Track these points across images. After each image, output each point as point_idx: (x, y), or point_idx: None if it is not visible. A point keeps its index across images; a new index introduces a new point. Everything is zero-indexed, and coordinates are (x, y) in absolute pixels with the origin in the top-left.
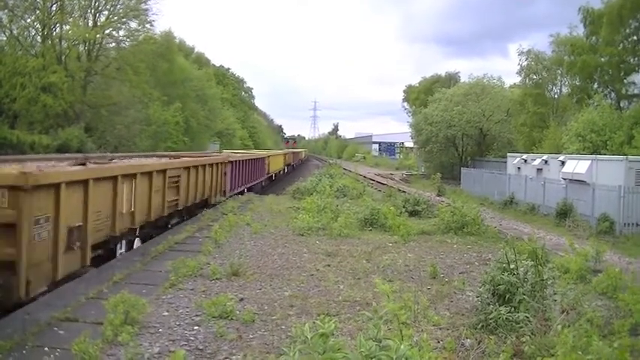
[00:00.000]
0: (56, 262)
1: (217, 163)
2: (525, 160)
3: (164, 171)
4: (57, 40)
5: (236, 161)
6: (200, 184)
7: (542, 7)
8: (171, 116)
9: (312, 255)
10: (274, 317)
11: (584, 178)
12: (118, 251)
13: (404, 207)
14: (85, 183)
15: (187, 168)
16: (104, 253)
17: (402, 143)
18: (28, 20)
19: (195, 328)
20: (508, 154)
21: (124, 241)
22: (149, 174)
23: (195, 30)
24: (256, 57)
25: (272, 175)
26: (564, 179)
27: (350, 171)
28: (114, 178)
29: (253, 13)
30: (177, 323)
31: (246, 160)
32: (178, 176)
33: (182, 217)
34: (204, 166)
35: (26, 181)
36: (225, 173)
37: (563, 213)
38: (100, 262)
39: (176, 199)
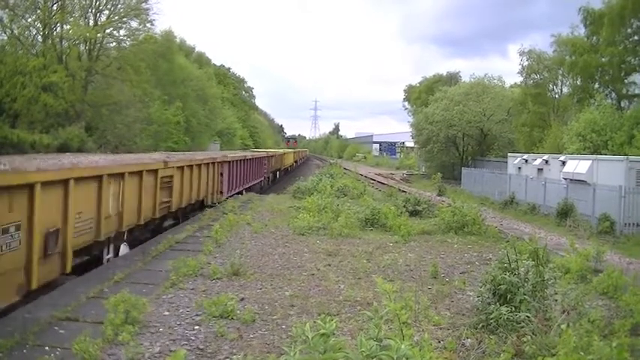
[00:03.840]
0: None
1: None
2: (526, 160)
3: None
4: (58, 39)
5: None
6: None
7: (542, 7)
8: (172, 115)
9: (313, 255)
10: (275, 317)
11: (584, 178)
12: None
13: (404, 207)
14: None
15: None
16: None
17: (403, 143)
18: (29, 20)
19: (196, 327)
20: (509, 153)
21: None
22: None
23: (195, 30)
24: (257, 57)
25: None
26: (565, 179)
27: (350, 171)
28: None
29: (254, 12)
30: (178, 323)
31: None
32: None
33: None
34: None
35: None
36: None
37: (564, 213)
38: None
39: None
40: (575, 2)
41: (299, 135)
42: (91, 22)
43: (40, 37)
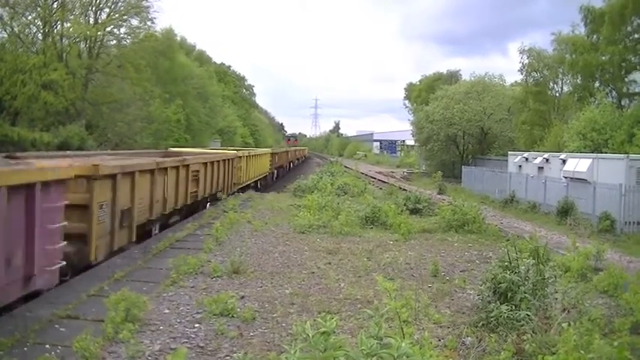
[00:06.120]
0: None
1: None
2: (526, 159)
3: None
4: (58, 37)
5: None
6: None
7: (542, 5)
8: (173, 114)
9: (313, 253)
10: (275, 315)
11: (585, 176)
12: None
13: (405, 205)
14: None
15: None
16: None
17: (403, 141)
18: (29, 17)
19: (196, 325)
20: (509, 152)
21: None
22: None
23: (196, 28)
24: (257, 56)
25: None
26: (565, 177)
27: (351, 169)
28: None
29: (255, 11)
30: (178, 321)
31: None
32: None
33: None
34: None
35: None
36: None
37: (564, 211)
38: None
39: None
40: (575, 1)
41: (299, 133)
42: (92, 20)
43: (40, 34)
